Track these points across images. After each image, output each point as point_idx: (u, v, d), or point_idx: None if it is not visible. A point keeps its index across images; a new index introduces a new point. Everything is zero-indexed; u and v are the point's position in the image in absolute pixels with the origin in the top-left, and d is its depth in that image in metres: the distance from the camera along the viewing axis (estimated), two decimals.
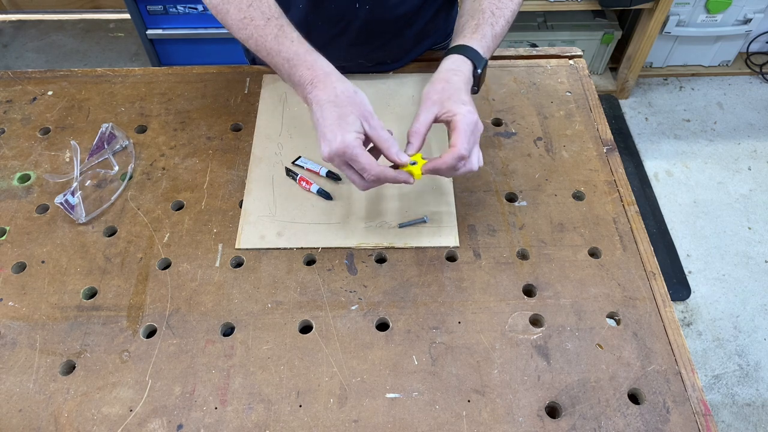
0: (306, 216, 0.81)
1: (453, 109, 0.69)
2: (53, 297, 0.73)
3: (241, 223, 0.79)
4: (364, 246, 0.77)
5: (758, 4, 2.16)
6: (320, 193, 0.82)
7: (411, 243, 0.78)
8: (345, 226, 0.79)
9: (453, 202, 0.82)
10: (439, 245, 0.77)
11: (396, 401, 0.65)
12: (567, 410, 0.64)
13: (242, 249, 0.77)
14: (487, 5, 0.78)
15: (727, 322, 1.76)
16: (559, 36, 2.20)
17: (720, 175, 2.13)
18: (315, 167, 0.85)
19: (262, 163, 0.86)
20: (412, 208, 0.81)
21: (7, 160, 0.88)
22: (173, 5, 1.96)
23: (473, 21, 0.78)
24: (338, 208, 0.81)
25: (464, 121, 0.67)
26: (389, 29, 0.91)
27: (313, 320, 0.71)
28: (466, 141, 0.67)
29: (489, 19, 0.77)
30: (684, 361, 0.68)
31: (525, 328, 0.71)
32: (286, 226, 0.79)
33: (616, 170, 0.86)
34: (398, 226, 0.79)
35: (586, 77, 0.99)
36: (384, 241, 0.78)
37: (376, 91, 0.96)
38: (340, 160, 0.67)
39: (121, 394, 0.66)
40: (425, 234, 0.79)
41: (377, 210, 0.81)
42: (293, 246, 0.77)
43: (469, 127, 0.68)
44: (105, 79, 0.99)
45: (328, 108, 0.67)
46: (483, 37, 0.76)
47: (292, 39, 0.71)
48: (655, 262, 0.76)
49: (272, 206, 0.81)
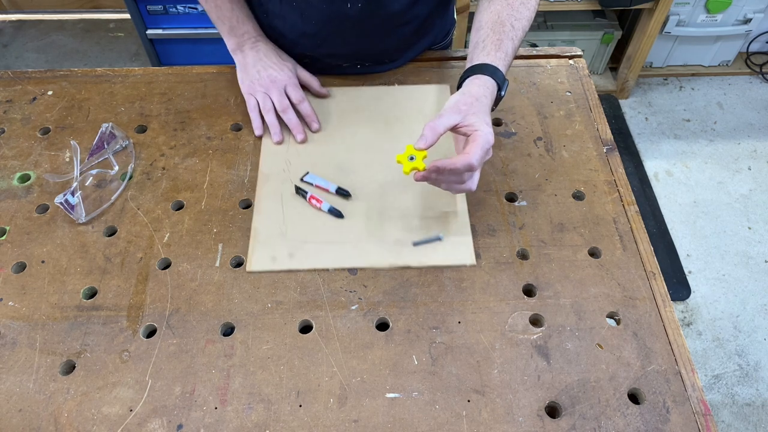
0: (318, 235, 0.78)
1: (476, 125, 0.70)
2: (53, 297, 0.73)
3: (251, 244, 0.77)
4: (378, 266, 0.75)
5: (758, 4, 2.16)
6: (331, 211, 0.80)
7: (426, 262, 0.75)
8: (358, 245, 0.77)
9: (468, 220, 0.80)
10: (455, 264, 0.75)
11: (396, 401, 0.65)
12: (567, 410, 0.64)
13: (254, 271, 0.75)
14: (506, 17, 0.78)
15: (727, 322, 1.77)
16: (559, 36, 2.20)
17: (720, 175, 2.13)
18: (324, 184, 0.83)
19: (270, 181, 0.84)
20: (426, 225, 0.79)
21: (7, 160, 0.88)
22: (173, 5, 1.96)
23: (495, 35, 0.78)
24: (350, 227, 0.79)
25: (484, 138, 0.68)
26: (383, 26, 0.91)
27: (313, 320, 0.71)
28: (480, 154, 0.68)
29: (509, 32, 0.78)
30: (684, 361, 0.68)
31: (525, 328, 0.71)
32: (297, 246, 0.77)
33: (616, 170, 0.86)
34: (412, 245, 0.77)
35: (586, 77, 0.99)
36: (398, 260, 0.75)
37: (382, 102, 0.94)
38: (281, 85, 0.88)
39: (121, 394, 0.66)
40: (440, 252, 0.76)
41: (391, 228, 0.79)
42: (306, 267, 0.75)
43: (486, 144, 0.69)
44: (105, 79, 0.99)
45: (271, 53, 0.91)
46: (506, 55, 0.77)
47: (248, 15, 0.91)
48: (655, 262, 0.76)
49: (282, 225, 0.79)
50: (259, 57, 0.89)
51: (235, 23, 0.89)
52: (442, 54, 1.04)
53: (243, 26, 0.90)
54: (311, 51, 0.95)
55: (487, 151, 0.70)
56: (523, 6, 0.80)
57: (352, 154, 0.88)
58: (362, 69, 0.98)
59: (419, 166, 0.70)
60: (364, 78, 0.98)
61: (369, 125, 0.91)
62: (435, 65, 1.01)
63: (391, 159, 0.83)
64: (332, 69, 0.98)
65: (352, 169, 0.86)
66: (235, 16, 0.89)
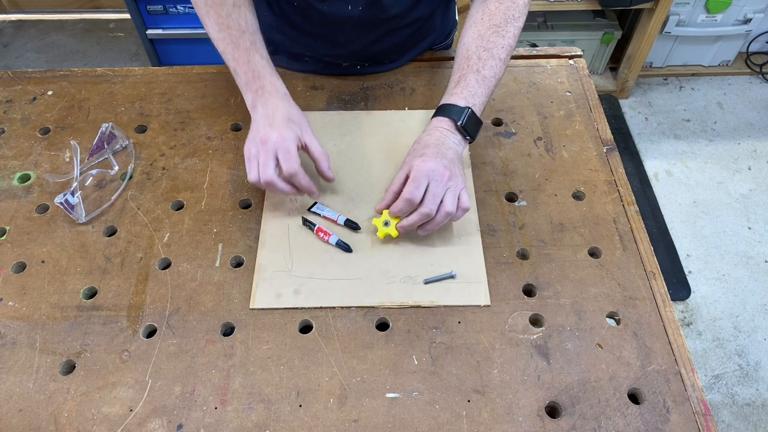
0: (325, 271, 0.75)
1: (411, 163, 0.73)
2: (53, 297, 0.73)
3: (255, 280, 0.74)
4: (388, 305, 0.72)
5: (758, 4, 2.16)
6: (339, 244, 0.77)
7: (438, 301, 0.72)
8: (366, 282, 0.74)
9: (482, 257, 0.76)
10: (468, 303, 0.72)
11: (396, 401, 0.65)
12: (567, 410, 0.64)
13: (257, 309, 0.72)
14: (474, 50, 0.80)
15: (727, 322, 1.76)
16: (559, 36, 2.20)
17: (720, 174, 2.13)
18: (332, 215, 0.79)
19: (276, 212, 0.81)
20: (438, 261, 0.76)
21: (7, 160, 0.88)
22: (173, 5, 1.96)
23: (457, 74, 0.80)
24: (359, 262, 0.76)
25: (415, 170, 0.72)
26: (383, 28, 0.91)
27: (313, 320, 0.71)
28: (411, 186, 0.71)
29: (474, 64, 0.79)
30: (684, 361, 0.68)
31: (525, 328, 0.71)
32: (303, 282, 0.74)
33: (616, 170, 0.86)
34: (424, 282, 0.74)
35: (586, 77, 0.99)
36: (409, 299, 0.72)
37: (392, 127, 0.91)
38: (274, 147, 0.74)
39: (121, 394, 0.66)
40: (453, 290, 0.73)
41: (401, 264, 0.76)
42: (312, 305, 0.72)
43: (418, 173, 0.71)
44: (105, 79, 0.99)
45: (280, 110, 0.76)
46: (465, 87, 0.79)
47: (261, 55, 0.80)
48: (655, 262, 0.76)
49: (288, 260, 0.76)
50: (266, 113, 0.77)
51: (251, 78, 0.79)
52: (441, 54, 1.04)
53: (257, 81, 0.79)
54: (310, 50, 0.95)
55: (430, 177, 0.71)
56: (496, 35, 0.79)
57: (362, 183, 0.84)
58: (362, 69, 0.98)
59: (392, 232, 0.75)
60: (364, 78, 0.98)
61: (379, 152, 0.88)
62: (435, 65, 1.01)
63: None
64: (331, 69, 0.98)
65: (362, 199, 0.82)
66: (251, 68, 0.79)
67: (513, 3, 0.81)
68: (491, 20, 0.80)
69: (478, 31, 0.81)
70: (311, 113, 0.93)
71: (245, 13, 0.80)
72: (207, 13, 0.80)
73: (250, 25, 0.80)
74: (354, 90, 0.97)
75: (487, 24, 0.80)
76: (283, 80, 0.81)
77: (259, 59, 0.79)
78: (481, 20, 0.81)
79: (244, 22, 0.80)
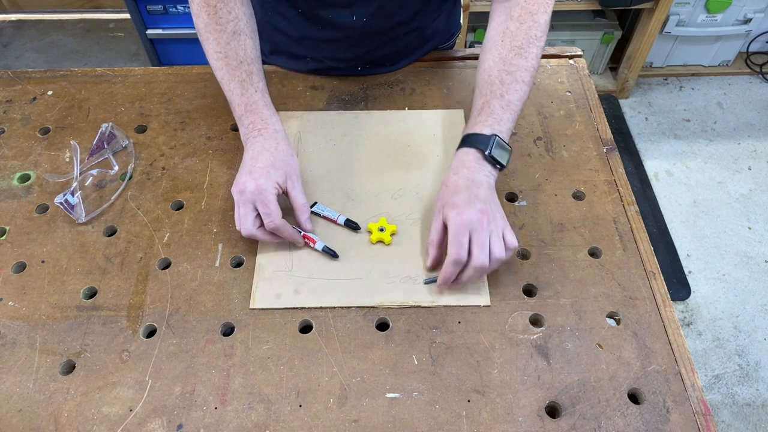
0: (325, 271, 0.75)
1: (447, 214, 0.70)
2: (53, 297, 0.73)
3: (255, 280, 0.74)
4: (388, 305, 0.72)
5: (758, 4, 2.16)
6: (326, 250, 0.76)
7: (438, 302, 0.72)
8: (366, 282, 0.74)
9: None
10: (468, 304, 0.72)
11: (396, 401, 0.65)
12: (567, 410, 0.64)
13: (256, 309, 0.72)
14: (497, 74, 0.77)
15: (727, 322, 1.77)
16: (559, 36, 2.21)
17: (720, 174, 2.13)
18: (332, 215, 0.79)
19: None
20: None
21: (7, 160, 0.88)
22: (173, 5, 1.97)
23: (480, 100, 0.77)
24: (359, 262, 0.76)
25: (452, 226, 0.69)
26: (387, 34, 0.91)
27: (313, 320, 0.71)
28: (455, 246, 0.68)
29: (498, 89, 0.76)
30: (684, 361, 0.68)
31: (525, 328, 0.71)
32: (303, 282, 0.74)
33: (616, 170, 0.86)
34: (423, 282, 0.74)
35: (586, 77, 0.99)
36: (409, 299, 0.72)
37: (392, 127, 0.91)
38: (252, 198, 0.71)
39: (121, 394, 0.66)
40: (453, 291, 0.73)
41: (401, 264, 0.76)
42: (312, 305, 0.72)
43: (457, 230, 0.68)
44: (105, 79, 0.99)
45: (264, 154, 0.74)
46: (490, 115, 0.75)
47: (256, 88, 0.78)
48: (655, 261, 0.76)
49: (289, 261, 0.76)
50: (252, 156, 0.75)
51: (244, 111, 0.78)
52: (443, 54, 1.04)
53: (249, 116, 0.77)
54: (312, 53, 0.95)
55: (467, 229, 0.68)
56: (518, 57, 0.76)
57: (362, 183, 0.84)
58: (362, 71, 0.98)
59: (386, 239, 0.77)
60: (364, 78, 0.98)
61: (379, 151, 0.88)
62: (435, 65, 1.01)
63: (401, 188, 0.83)
64: (331, 70, 0.98)
65: (362, 199, 0.82)
66: (245, 101, 0.78)
67: (534, 23, 0.77)
68: (512, 42, 0.77)
69: (500, 54, 0.77)
70: (311, 113, 0.93)
71: (245, 41, 0.78)
72: (206, 39, 0.79)
73: (249, 54, 0.78)
74: (354, 90, 0.97)
75: (509, 46, 0.77)
76: (283, 80, 0.81)
77: (254, 92, 0.78)
78: (501, 42, 0.78)
79: (242, 52, 0.78)
